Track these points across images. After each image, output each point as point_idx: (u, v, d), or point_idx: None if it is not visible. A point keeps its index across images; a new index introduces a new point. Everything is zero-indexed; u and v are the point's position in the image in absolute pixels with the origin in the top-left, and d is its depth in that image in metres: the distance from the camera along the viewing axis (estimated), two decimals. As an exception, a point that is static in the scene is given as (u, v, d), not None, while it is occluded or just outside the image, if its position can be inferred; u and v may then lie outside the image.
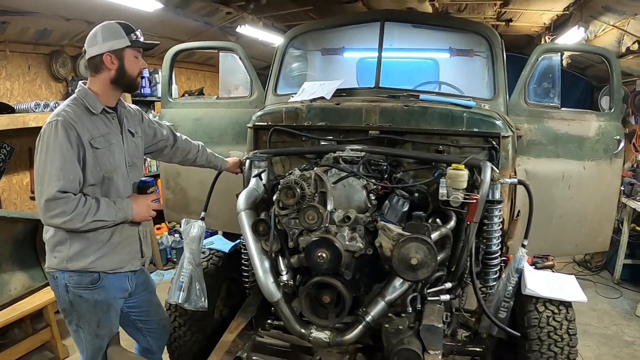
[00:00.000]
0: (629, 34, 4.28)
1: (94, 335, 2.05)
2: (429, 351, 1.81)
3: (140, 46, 2.05)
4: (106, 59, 1.95)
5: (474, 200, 1.97)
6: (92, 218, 1.85)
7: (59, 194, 1.79)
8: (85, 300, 1.98)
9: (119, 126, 2.10)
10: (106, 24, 2.00)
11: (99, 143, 1.95)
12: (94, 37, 1.97)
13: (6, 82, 4.36)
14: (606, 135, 3.07)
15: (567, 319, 2.17)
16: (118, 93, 2.09)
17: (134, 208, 2.01)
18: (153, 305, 2.37)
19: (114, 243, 2.02)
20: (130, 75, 2.03)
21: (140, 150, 2.25)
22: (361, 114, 2.48)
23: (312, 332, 1.96)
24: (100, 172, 1.95)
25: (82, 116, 1.92)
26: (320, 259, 1.81)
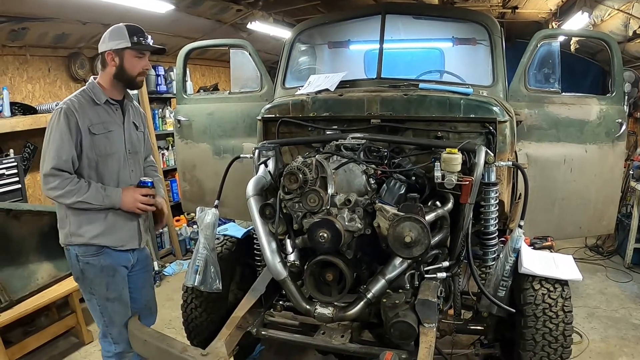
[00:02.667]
0: (635, 18, 4.27)
1: (105, 299, 2.26)
2: (423, 324, 1.93)
3: (140, 48, 2.21)
4: (108, 56, 2.19)
5: (466, 182, 2.07)
6: (78, 198, 2.08)
7: (53, 170, 2.06)
8: (92, 266, 2.21)
9: (122, 117, 2.30)
10: (116, 26, 2.21)
11: (97, 129, 2.16)
12: (104, 37, 2.22)
13: (28, 85, 4.60)
14: (608, 118, 3.12)
15: (563, 296, 2.25)
16: (121, 87, 2.28)
17: (122, 198, 2.20)
18: (146, 285, 2.58)
19: (110, 222, 2.22)
20: (129, 74, 2.22)
21: (141, 142, 2.45)
22: (363, 104, 2.61)
23: (317, 309, 2.11)
24: (95, 155, 2.16)
25: (85, 105, 2.14)
26: (322, 238, 1.95)
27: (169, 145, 5.79)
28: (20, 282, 3.38)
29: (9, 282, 3.30)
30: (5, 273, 3.30)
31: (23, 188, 3.97)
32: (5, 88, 4.08)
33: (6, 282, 3.27)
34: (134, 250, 2.38)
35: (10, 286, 3.29)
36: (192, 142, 3.64)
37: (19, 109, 4.20)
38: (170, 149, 5.70)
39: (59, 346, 3.54)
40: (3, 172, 3.75)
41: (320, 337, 2.12)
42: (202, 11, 4.74)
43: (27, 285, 3.41)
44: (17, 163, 3.90)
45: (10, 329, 3.24)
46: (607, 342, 3.46)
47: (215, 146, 3.56)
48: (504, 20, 5.70)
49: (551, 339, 2.18)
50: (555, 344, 2.18)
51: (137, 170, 2.40)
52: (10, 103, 4.07)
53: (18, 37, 4.18)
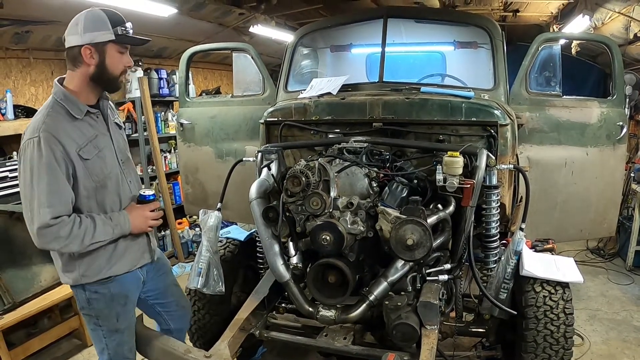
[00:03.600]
0: (636, 20, 4.29)
1: (114, 330, 1.97)
2: (425, 326, 1.95)
3: (126, 42, 1.82)
4: (85, 52, 1.73)
5: (468, 185, 2.09)
6: (90, 240, 1.75)
7: (52, 220, 1.66)
8: (102, 296, 1.90)
9: (104, 123, 1.91)
10: (91, 11, 1.77)
11: (88, 152, 1.78)
12: (75, 25, 1.75)
13: (31, 88, 4.63)
14: (609, 121, 3.13)
15: (564, 298, 2.26)
16: (98, 91, 1.87)
17: (131, 222, 1.89)
18: (169, 286, 2.28)
19: (121, 250, 1.93)
20: (111, 74, 1.80)
21: (126, 142, 2.09)
22: (365, 108, 2.63)
23: (320, 311, 2.12)
24: (93, 182, 1.80)
25: (64, 124, 1.73)
26: (325, 241, 1.97)
27: (171, 148, 5.81)
28: (24, 284, 3.41)
29: (12, 284, 3.32)
30: (9, 275, 3.33)
31: (26, 191, 3.99)
32: (8, 91, 4.11)
33: (9, 284, 3.30)
34: (143, 266, 2.09)
35: (13, 288, 3.31)
36: (194, 145, 3.66)
37: (22, 111, 4.23)
38: (173, 152, 5.72)
39: (62, 348, 3.55)
40: (6, 175, 3.77)
41: (323, 339, 2.13)
42: (205, 15, 4.78)
43: (30, 287, 3.43)
44: (20, 166, 3.93)
45: (13, 330, 3.25)
46: (608, 344, 3.47)
47: (217, 149, 3.58)
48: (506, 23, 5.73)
49: (552, 341, 2.19)
50: (556, 345, 2.19)
51: (134, 177, 2.06)
52: (13, 106, 4.10)
53: (22, 40, 4.21)
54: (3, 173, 3.76)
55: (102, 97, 1.92)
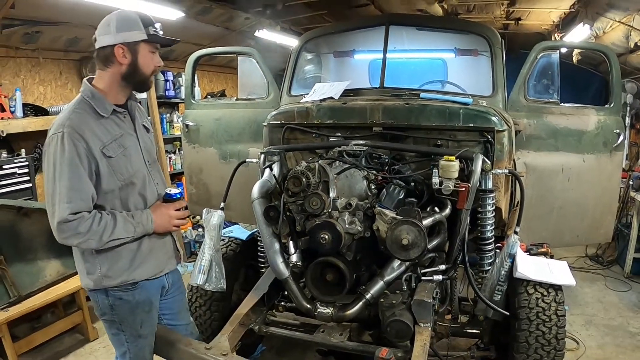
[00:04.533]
0: (636, 30, 4.34)
1: (137, 336, 1.94)
2: (419, 324, 2.01)
3: (158, 41, 1.85)
4: (118, 51, 1.75)
5: (463, 189, 2.15)
6: (108, 237, 1.73)
7: (71, 216, 1.66)
8: (126, 302, 1.87)
9: (131, 123, 1.91)
10: (122, 12, 1.81)
11: (112, 150, 1.78)
12: (106, 25, 1.77)
13: (39, 87, 4.73)
14: (606, 129, 3.19)
15: (556, 301, 2.31)
16: (128, 90, 1.89)
17: (154, 220, 1.86)
18: (182, 309, 2.26)
19: (144, 252, 1.89)
20: (143, 73, 1.83)
21: (154, 145, 2.09)
22: (365, 112, 2.70)
23: (317, 308, 2.18)
24: (117, 181, 1.79)
25: (90, 121, 1.74)
26: (323, 240, 2.04)
27: (176, 149, 5.91)
28: (29, 278, 3.48)
29: (18, 277, 3.40)
30: (15, 269, 3.40)
31: (34, 187, 4.08)
32: (18, 89, 4.21)
33: (15, 277, 3.37)
34: (169, 273, 2.05)
35: (19, 282, 3.39)
36: (199, 146, 3.74)
37: (31, 110, 4.33)
38: (177, 153, 5.81)
39: (65, 342, 3.62)
40: (15, 171, 3.86)
41: (320, 334, 2.19)
42: (212, 18, 4.87)
43: (35, 282, 3.50)
44: (28, 163, 4.02)
45: (18, 324, 3.33)
46: (603, 349, 3.51)
47: (222, 151, 3.65)
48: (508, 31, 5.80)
49: (544, 342, 2.24)
50: (548, 346, 2.24)
51: (160, 180, 2.03)
52: (22, 104, 4.19)
53: (32, 40, 4.31)
54: (12, 169, 3.85)
55: (130, 97, 1.93)
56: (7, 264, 3.36)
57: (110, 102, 1.81)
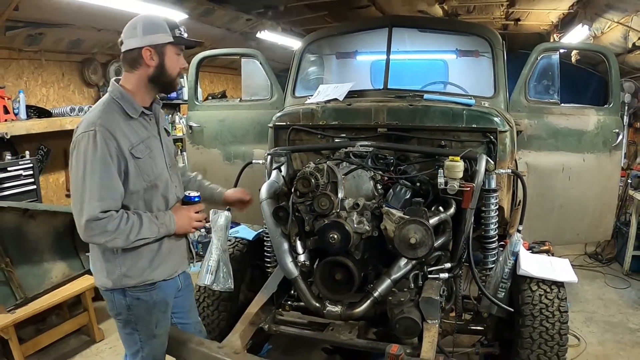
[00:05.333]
0: (634, 30, 4.40)
1: (151, 336, 1.96)
2: (427, 320, 2.05)
3: (184, 43, 1.90)
4: (145, 53, 1.78)
5: (468, 188, 2.19)
6: (135, 237, 1.76)
7: (101, 214, 1.68)
8: (143, 302, 1.89)
9: (156, 126, 1.95)
10: (148, 16, 1.85)
11: (140, 152, 1.81)
12: (133, 28, 1.79)
13: (42, 89, 4.75)
14: (605, 128, 3.25)
15: (559, 297, 2.36)
16: (154, 92, 1.92)
17: (176, 221, 1.90)
18: (192, 307, 2.30)
19: (164, 252, 1.92)
20: (169, 75, 1.87)
21: (174, 149, 2.12)
22: (370, 113, 2.74)
23: (326, 306, 2.22)
24: (143, 182, 1.83)
25: (119, 122, 1.77)
26: (332, 239, 2.08)
27: (178, 150, 5.93)
28: (35, 280, 3.50)
29: (25, 279, 3.42)
30: (21, 271, 3.42)
31: (38, 189, 4.11)
32: (21, 91, 4.23)
33: (22, 279, 3.39)
34: (181, 273, 2.09)
35: (25, 284, 3.41)
36: (203, 147, 3.77)
37: (35, 112, 4.35)
38: (180, 154, 5.84)
39: (71, 344, 3.62)
40: (20, 173, 3.88)
41: (329, 332, 2.23)
42: (214, 20, 4.90)
43: (41, 283, 3.53)
44: (32, 164, 4.04)
45: (23, 326, 3.34)
46: (604, 346, 3.55)
47: (226, 152, 3.68)
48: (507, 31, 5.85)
49: (548, 337, 2.28)
50: (551, 342, 2.28)
51: (178, 183, 2.07)
52: (26, 106, 4.21)
53: (34, 42, 4.33)
54: (17, 171, 3.88)
55: (155, 100, 1.96)
56: (13, 266, 3.38)
57: (138, 103, 1.85)
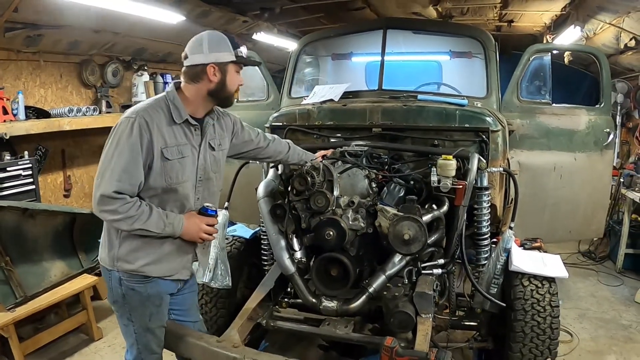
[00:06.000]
0: (626, 31, 4.47)
1: (145, 328, 2.01)
2: (421, 314, 2.11)
3: (245, 63, 2.00)
4: (209, 70, 1.89)
5: (460, 186, 2.25)
6: (139, 225, 1.81)
7: (115, 194, 1.75)
8: (138, 293, 1.94)
9: (199, 138, 1.99)
10: (213, 34, 1.93)
11: (171, 154, 1.87)
12: (199, 45, 1.89)
13: (40, 89, 4.77)
14: (596, 128, 3.32)
15: (550, 292, 2.42)
16: (210, 105, 2.01)
17: (184, 226, 1.92)
18: (192, 307, 2.31)
19: (165, 251, 1.95)
20: (229, 91, 1.96)
21: (219, 163, 2.14)
22: (365, 114, 2.80)
23: (323, 302, 2.27)
24: (165, 182, 1.88)
25: (161, 121, 1.85)
26: (328, 236, 2.13)
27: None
28: (35, 279, 3.52)
29: (24, 278, 3.44)
30: (21, 270, 3.44)
31: (37, 189, 4.13)
32: (20, 92, 4.25)
33: (21, 278, 3.41)
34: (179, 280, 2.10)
35: (25, 282, 3.43)
36: (201, 147, 3.79)
37: (33, 112, 4.36)
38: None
39: (70, 342, 3.64)
40: (20, 173, 3.91)
41: (325, 327, 2.28)
42: (211, 22, 4.94)
43: (41, 282, 3.54)
44: (31, 165, 4.07)
45: (23, 325, 3.36)
46: (596, 341, 3.61)
47: (223, 151, 3.71)
48: (501, 33, 5.92)
49: (539, 331, 2.34)
50: (542, 335, 2.34)
51: (205, 196, 2.08)
52: (24, 107, 4.23)
53: (33, 43, 4.35)
54: (16, 171, 3.90)
55: (210, 114, 2.03)
56: (13, 265, 3.40)
57: (187, 111, 1.92)
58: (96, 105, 5.02)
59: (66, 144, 5.01)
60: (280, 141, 2.49)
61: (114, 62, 5.28)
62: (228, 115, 2.22)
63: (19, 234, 3.50)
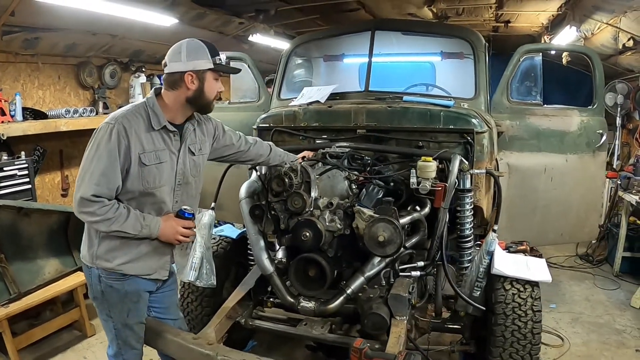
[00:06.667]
0: (623, 31, 4.42)
1: (124, 324, 2.07)
2: (395, 317, 2.10)
3: (223, 70, 2.03)
4: (187, 78, 1.93)
5: (439, 188, 2.25)
6: (117, 227, 1.87)
7: (93, 197, 1.82)
8: (115, 290, 2.00)
9: (179, 144, 2.04)
10: (192, 42, 1.97)
11: (148, 159, 1.92)
12: (177, 53, 1.94)
13: (39, 91, 4.85)
14: (588, 129, 3.27)
15: (532, 297, 2.39)
16: (189, 111, 2.05)
17: (161, 228, 1.97)
18: (172, 305, 2.36)
19: (142, 251, 2.01)
20: (207, 98, 2.00)
21: (198, 168, 2.18)
22: (350, 115, 2.81)
23: (301, 302, 2.28)
24: (142, 186, 1.93)
25: (140, 127, 1.90)
26: (305, 237, 2.13)
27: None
28: (29, 275, 3.58)
29: (19, 275, 3.50)
30: (15, 267, 3.50)
31: (33, 189, 4.19)
32: (18, 94, 4.33)
33: (16, 275, 3.47)
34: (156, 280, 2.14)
35: (19, 279, 3.48)
36: (193, 147, 3.82)
37: (31, 114, 4.44)
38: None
39: (63, 338, 3.69)
40: (15, 173, 3.97)
41: (302, 327, 2.29)
42: (206, 24, 4.98)
43: (35, 279, 3.60)
44: (27, 165, 4.13)
45: (17, 321, 3.41)
46: (588, 346, 3.57)
47: (214, 152, 3.74)
48: (498, 34, 5.88)
49: (520, 336, 2.32)
50: (523, 340, 2.32)
51: (184, 200, 2.13)
52: (22, 108, 4.31)
53: (31, 45, 4.43)
54: (12, 171, 3.97)
55: (190, 120, 2.08)
56: (7, 262, 3.46)
57: (165, 118, 1.97)
58: (93, 106, 5.09)
59: (64, 144, 5.08)
60: (261, 144, 2.53)
61: (111, 63, 5.35)
62: (210, 120, 2.27)
63: (14, 232, 3.56)
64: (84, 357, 3.47)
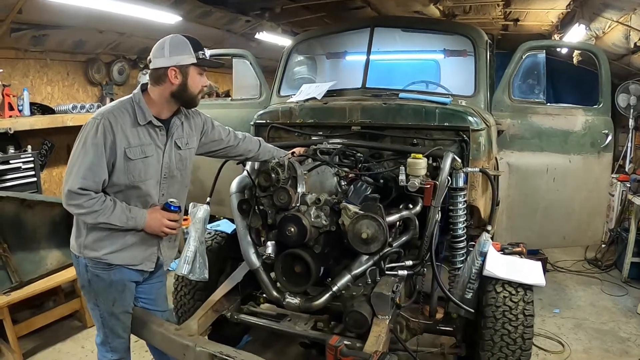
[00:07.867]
0: (634, 29, 4.30)
1: (110, 313, 2.12)
2: (377, 315, 2.07)
3: (206, 65, 2.05)
4: (170, 73, 1.96)
5: (428, 186, 2.21)
6: (103, 219, 1.92)
7: (80, 190, 1.87)
8: (101, 279, 2.06)
9: (165, 139, 2.08)
10: (175, 38, 1.99)
11: (134, 153, 1.96)
12: (161, 49, 1.97)
13: (47, 87, 4.94)
14: (593, 129, 3.17)
15: (525, 300, 2.32)
16: (175, 106, 2.08)
17: (147, 220, 2.02)
18: (160, 296, 2.39)
19: (128, 242, 2.05)
20: (191, 92, 2.03)
21: (185, 162, 2.21)
22: (345, 112, 2.79)
23: (286, 298, 2.27)
24: (128, 180, 1.98)
25: (126, 122, 1.95)
26: (289, 232, 2.12)
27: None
28: (31, 266, 3.65)
29: (21, 265, 3.57)
30: (18, 257, 3.58)
31: (39, 182, 4.28)
32: (25, 89, 4.42)
33: (18, 264, 3.54)
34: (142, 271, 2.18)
35: (21, 269, 3.56)
36: (195, 144, 3.85)
37: (38, 109, 4.54)
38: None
39: (64, 327, 3.77)
40: (20, 166, 4.05)
41: (286, 323, 2.28)
42: (212, 22, 5.01)
43: (37, 269, 3.67)
44: (34, 158, 4.21)
45: (20, 310, 3.50)
46: (589, 353, 3.47)
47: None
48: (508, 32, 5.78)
49: (509, 341, 2.26)
50: (513, 345, 2.26)
51: (170, 193, 2.16)
52: (30, 103, 4.40)
53: (39, 43, 4.52)
54: (17, 164, 4.05)
55: (177, 114, 2.12)
56: (10, 251, 3.54)
57: (151, 113, 2.02)
58: (101, 102, 5.17)
59: (71, 139, 5.10)
60: (251, 139, 2.55)
61: (120, 60, 5.42)
62: (199, 115, 2.30)
63: (18, 223, 3.63)
64: (82, 347, 3.52)
